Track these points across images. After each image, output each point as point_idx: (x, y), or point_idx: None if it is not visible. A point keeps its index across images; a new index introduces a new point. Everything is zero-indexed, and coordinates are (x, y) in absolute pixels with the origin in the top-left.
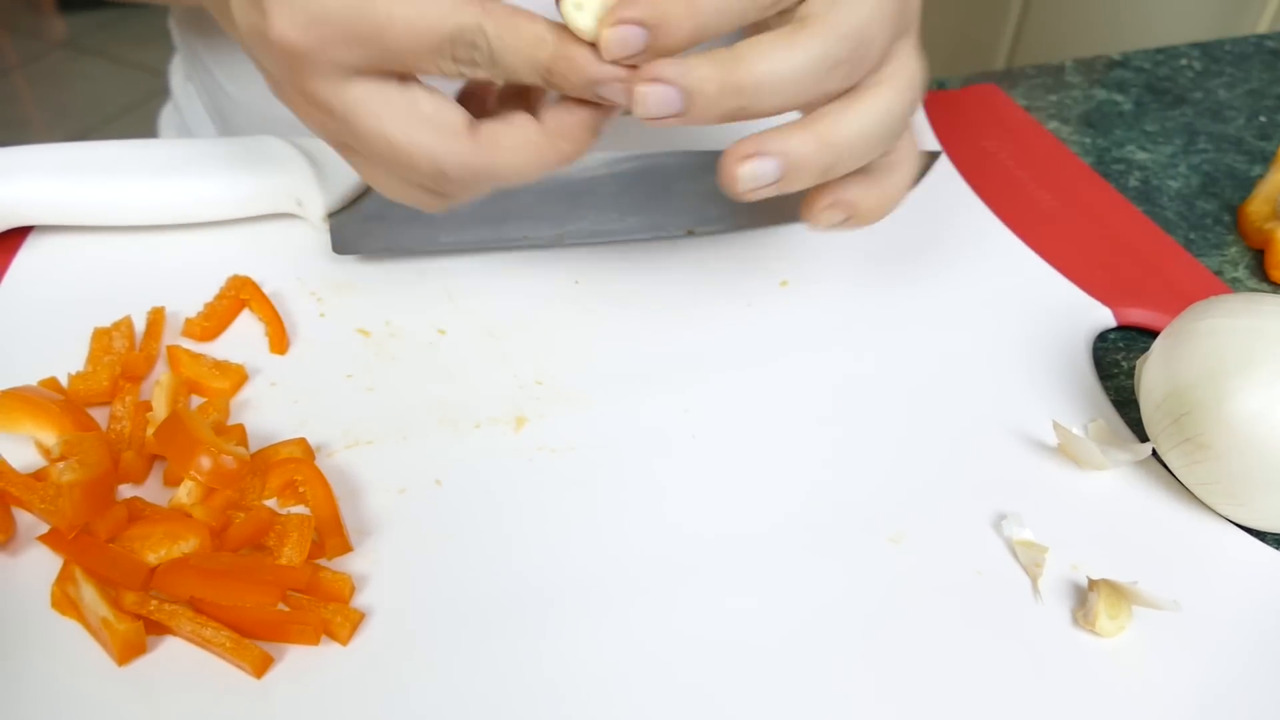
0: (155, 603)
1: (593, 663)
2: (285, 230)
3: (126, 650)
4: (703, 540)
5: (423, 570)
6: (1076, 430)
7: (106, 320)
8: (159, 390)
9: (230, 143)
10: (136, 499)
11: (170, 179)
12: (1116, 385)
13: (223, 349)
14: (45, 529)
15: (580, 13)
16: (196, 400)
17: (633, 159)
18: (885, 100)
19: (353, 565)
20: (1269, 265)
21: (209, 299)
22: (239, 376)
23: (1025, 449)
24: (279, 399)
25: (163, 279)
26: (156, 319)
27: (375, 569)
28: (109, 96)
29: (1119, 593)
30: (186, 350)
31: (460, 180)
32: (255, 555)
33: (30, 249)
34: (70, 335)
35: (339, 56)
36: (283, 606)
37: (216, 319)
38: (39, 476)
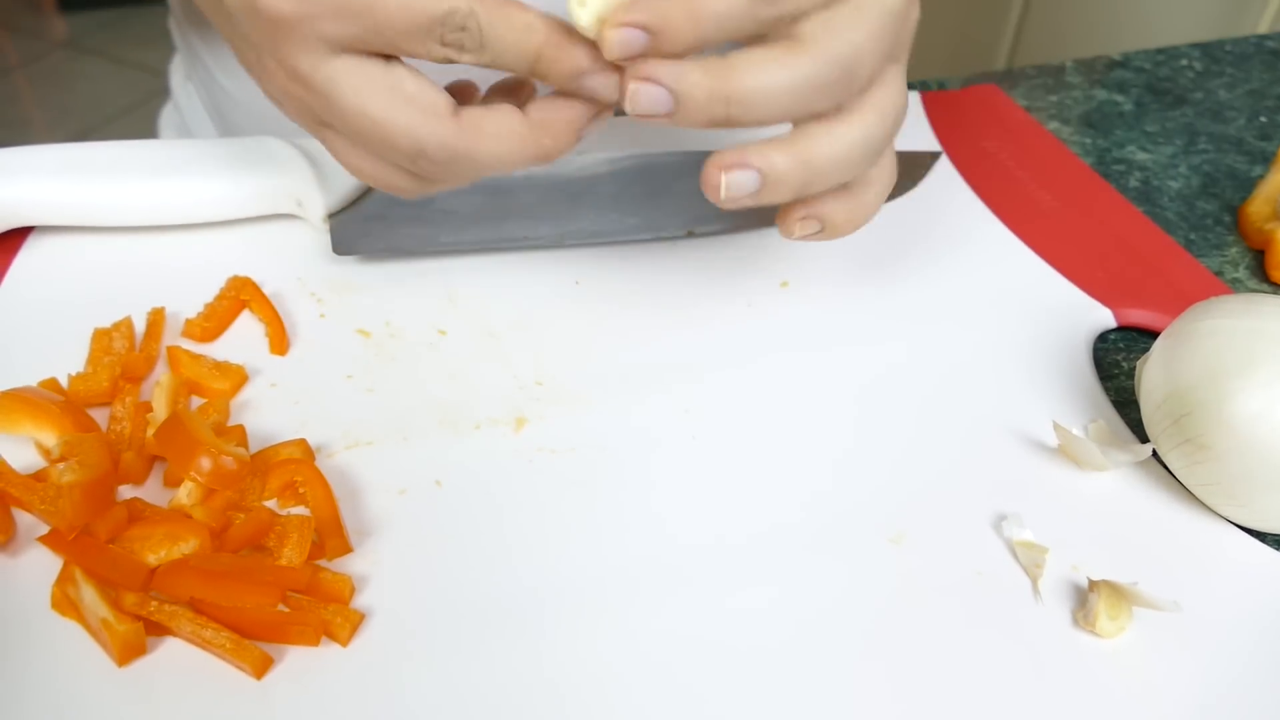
0: (155, 604)
1: (592, 663)
2: (285, 231)
3: (126, 651)
4: (702, 541)
5: (423, 571)
6: (1077, 431)
7: (106, 321)
8: (159, 391)
9: (230, 143)
10: (136, 500)
11: (170, 179)
12: (1117, 386)
13: (223, 350)
14: (45, 530)
15: (583, 10)
16: (197, 401)
17: (633, 159)
18: (867, 125)
19: (353, 566)
20: (1269, 266)
21: (209, 300)
22: (239, 377)
23: (1025, 450)
24: (279, 400)
25: (163, 279)
26: (156, 320)
27: (375, 570)
28: (109, 96)
29: (1119, 593)
30: (187, 351)
31: (440, 162)
32: (255, 556)
33: (30, 249)
34: (70, 336)
35: (326, 29)
36: (283, 607)
37: (217, 320)
38: (39, 477)
